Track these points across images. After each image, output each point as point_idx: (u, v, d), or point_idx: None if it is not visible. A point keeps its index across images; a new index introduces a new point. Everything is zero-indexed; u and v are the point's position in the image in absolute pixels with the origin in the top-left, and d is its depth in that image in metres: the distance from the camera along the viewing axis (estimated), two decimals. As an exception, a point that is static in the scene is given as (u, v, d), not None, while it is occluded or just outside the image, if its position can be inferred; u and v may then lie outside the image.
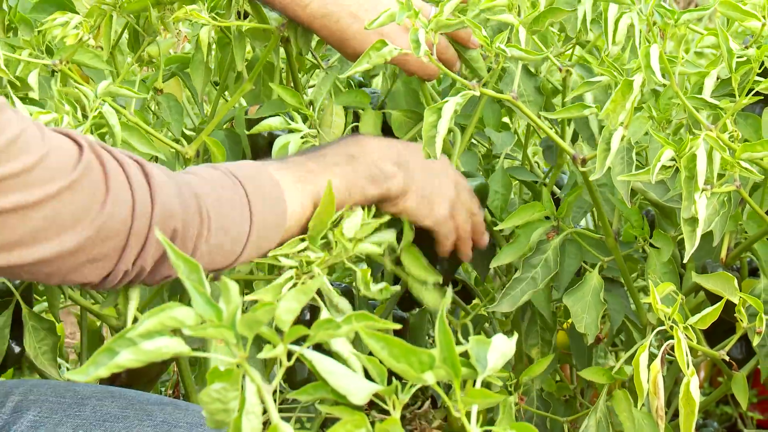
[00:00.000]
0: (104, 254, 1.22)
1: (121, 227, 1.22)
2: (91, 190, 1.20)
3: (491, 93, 1.55)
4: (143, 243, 1.25)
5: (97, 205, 1.20)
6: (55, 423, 1.48)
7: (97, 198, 1.20)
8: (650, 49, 1.42)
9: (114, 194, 1.21)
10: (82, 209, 1.19)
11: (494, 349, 0.89)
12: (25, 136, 1.15)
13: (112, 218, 1.21)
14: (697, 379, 1.35)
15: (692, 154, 1.38)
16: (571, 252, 1.66)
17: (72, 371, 0.83)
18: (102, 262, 1.23)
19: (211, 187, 1.32)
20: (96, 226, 1.20)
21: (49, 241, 1.17)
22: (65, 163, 1.18)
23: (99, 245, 1.21)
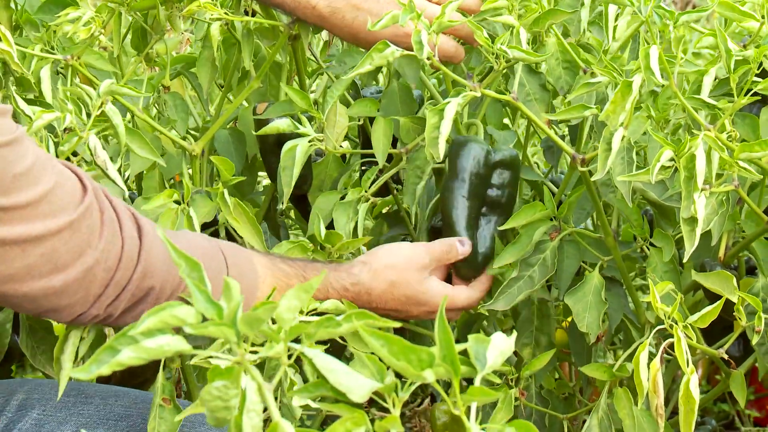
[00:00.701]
0: (84, 297, 1.25)
1: (105, 275, 1.25)
2: (88, 233, 1.21)
3: (492, 94, 1.56)
4: (119, 293, 1.27)
5: (89, 249, 1.22)
6: (59, 421, 1.49)
7: (91, 242, 1.22)
8: (650, 50, 1.43)
9: (106, 242, 1.23)
10: (76, 251, 1.21)
11: (493, 347, 0.90)
12: (36, 167, 1.16)
13: (100, 265, 1.23)
14: (696, 377, 1.35)
15: (691, 154, 1.39)
16: (571, 252, 1.67)
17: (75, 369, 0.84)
18: (79, 305, 1.25)
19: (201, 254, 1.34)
20: (84, 270, 1.22)
21: (41, 279, 1.19)
22: (68, 201, 1.20)
23: (82, 289, 1.23)
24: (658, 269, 1.60)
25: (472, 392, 0.85)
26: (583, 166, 1.56)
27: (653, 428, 1.49)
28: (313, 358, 0.87)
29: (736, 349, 1.64)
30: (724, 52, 1.44)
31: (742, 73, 1.45)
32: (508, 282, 1.64)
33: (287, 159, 1.64)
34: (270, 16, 1.74)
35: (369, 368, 0.87)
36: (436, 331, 0.85)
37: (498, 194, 1.66)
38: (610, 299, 1.66)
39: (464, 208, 1.64)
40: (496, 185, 1.66)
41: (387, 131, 1.71)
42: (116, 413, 1.52)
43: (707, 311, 1.39)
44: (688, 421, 1.36)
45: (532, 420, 1.77)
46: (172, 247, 0.87)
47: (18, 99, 1.55)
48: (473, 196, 1.64)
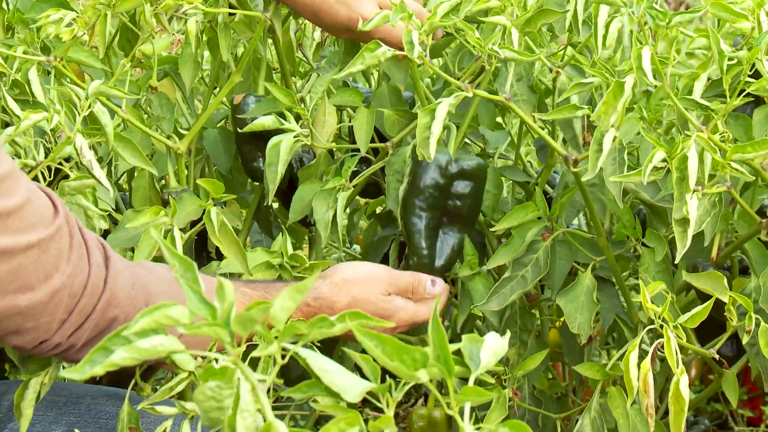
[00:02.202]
0: (47, 323, 1.22)
1: (70, 301, 1.23)
2: (56, 255, 1.19)
3: (484, 94, 1.56)
4: (83, 321, 1.25)
5: (56, 273, 1.20)
6: (50, 421, 1.49)
7: (59, 265, 1.20)
8: (642, 51, 1.43)
9: (73, 266, 1.22)
10: (43, 272, 1.18)
11: (487, 347, 0.90)
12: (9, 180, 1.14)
13: (65, 289, 1.21)
14: (686, 377, 1.35)
15: (684, 155, 1.39)
16: (563, 253, 1.67)
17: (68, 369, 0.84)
18: (43, 330, 1.23)
19: (167, 286, 1.33)
20: (50, 293, 1.20)
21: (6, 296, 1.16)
22: (39, 219, 1.18)
23: (47, 313, 1.21)
24: (651, 269, 1.61)
25: (466, 392, 0.85)
26: (575, 167, 1.56)
27: (646, 428, 1.49)
28: (307, 358, 0.87)
29: (728, 349, 1.65)
30: (717, 53, 1.45)
31: (735, 74, 1.45)
32: (501, 282, 1.64)
33: (272, 155, 1.63)
34: (247, 8, 1.74)
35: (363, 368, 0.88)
36: (429, 332, 0.85)
37: (458, 205, 1.66)
38: (602, 299, 1.66)
39: (422, 219, 1.64)
40: (457, 196, 1.65)
41: (369, 120, 1.71)
42: (107, 413, 1.51)
43: (697, 311, 1.39)
44: (678, 420, 1.36)
45: (525, 420, 1.78)
46: (167, 247, 0.87)
47: (8, 99, 1.55)
48: (432, 206, 1.64)
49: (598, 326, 1.76)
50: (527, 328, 1.76)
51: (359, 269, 1.57)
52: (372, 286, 1.56)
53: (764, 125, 1.49)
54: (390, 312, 1.57)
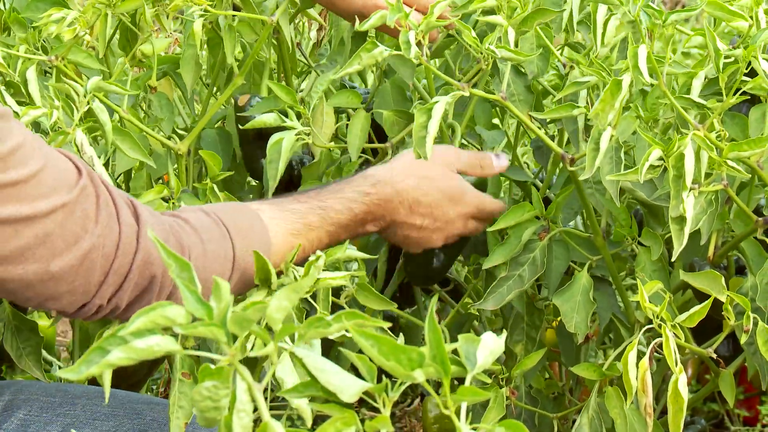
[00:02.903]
0: (83, 286, 1.22)
1: (104, 262, 1.22)
2: (83, 217, 1.19)
3: (481, 93, 1.56)
4: (121, 282, 1.24)
5: (86, 234, 1.19)
6: (45, 422, 1.48)
7: (87, 227, 1.20)
8: (638, 50, 1.43)
9: (102, 226, 1.21)
10: (71, 234, 1.18)
11: (483, 346, 0.90)
12: (24, 148, 1.14)
13: (97, 251, 1.21)
14: (685, 376, 1.35)
15: (680, 154, 1.39)
16: (559, 252, 1.67)
17: (64, 369, 0.84)
18: (80, 293, 1.23)
19: (199, 239, 1.31)
20: (81, 255, 1.19)
21: (35, 262, 1.16)
22: (62, 183, 1.18)
23: (81, 276, 1.21)
24: (647, 268, 1.61)
25: (463, 392, 0.85)
26: (572, 166, 1.56)
27: (644, 427, 1.49)
28: (304, 358, 0.87)
29: (725, 348, 1.64)
30: (713, 51, 1.45)
31: (731, 73, 1.45)
32: (498, 281, 1.64)
33: (273, 152, 1.63)
34: (252, 11, 1.74)
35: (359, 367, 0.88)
36: (426, 331, 0.85)
37: None
38: (599, 299, 1.66)
39: None
40: None
41: (364, 126, 1.70)
42: (103, 413, 1.51)
43: (695, 310, 1.39)
44: (677, 420, 1.36)
45: (522, 419, 1.78)
46: (163, 247, 0.87)
47: (6, 96, 1.55)
48: None
49: (594, 326, 1.76)
50: (535, 324, 1.76)
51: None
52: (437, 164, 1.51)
53: (760, 124, 1.49)
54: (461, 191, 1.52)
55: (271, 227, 1.38)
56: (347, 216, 1.45)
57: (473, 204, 1.56)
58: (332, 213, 1.45)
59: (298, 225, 1.41)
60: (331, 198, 1.46)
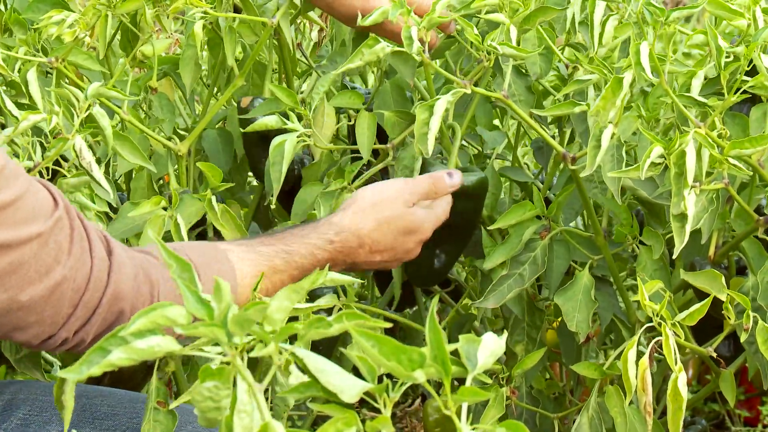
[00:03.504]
0: (52, 317, 1.20)
1: (74, 295, 1.21)
2: (56, 248, 1.18)
3: (483, 91, 1.56)
4: (90, 315, 1.23)
5: (58, 266, 1.18)
6: (45, 421, 1.48)
7: (60, 258, 1.18)
8: (640, 46, 1.43)
9: (75, 259, 1.20)
10: (44, 264, 1.17)
11: (484, 347, 0.90)
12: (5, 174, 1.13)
13: (68, 283, 1.20)
14: (684, 375, 1.35)
15: (682, 151, 1.39)
16: (560, 252, 1.67)
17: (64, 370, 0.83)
18: (48, 324, 1.21)
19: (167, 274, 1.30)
20: (51, 286, 1.18)
21: (6, 291, 1.15)
22: (39, 212, 1.17)
23: (50, 307, 1.19)
24: (648, 268, 1.61)
25: (463, 392, 0.85)
26: (573, 165, 1.56)
27: (644, 426, 1.49)
28: (305, 358, 0.87)
29: (726, 348, 1.64)
30: (715, 49, 1.45)
31: (732, 71, 1.45)
32: (498, 280, 1.64)
33: (276, 155, 1.63)
34: (252, 12, 1.74)
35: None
36: (426, 331, 0.85)
37: (458, 221, 1.66)
38: (600, 298, 1.66)
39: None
40: (457, 213, 1.65)
41: (371, 125, 1.70)
42: (102, 412, 1.51)
43: (695, 309, 1.39)
44: (676, 419, 1.36)
45: (523, 419, 1.78)
46: (164, 247, 0.87)
47: (6, 99, 1.54)
48: None
49: (595, 326, 1.76)
50: (536, 324, 1.76)
51: (377, 190, 1.54)
52: (395, 203, 1.53)
53: (761, 123, 1.49)
54: (417, 224, 1.54)
55: (238, 267, 1.38)
56: (310, 261, 1.46)
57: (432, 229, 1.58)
58: (297, 257, 1.45)
59: (264, 267, 1.41)
60: (296, 243, 1.46)
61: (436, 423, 1.68)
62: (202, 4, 1.65)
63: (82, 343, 1.25)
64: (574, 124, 1.66)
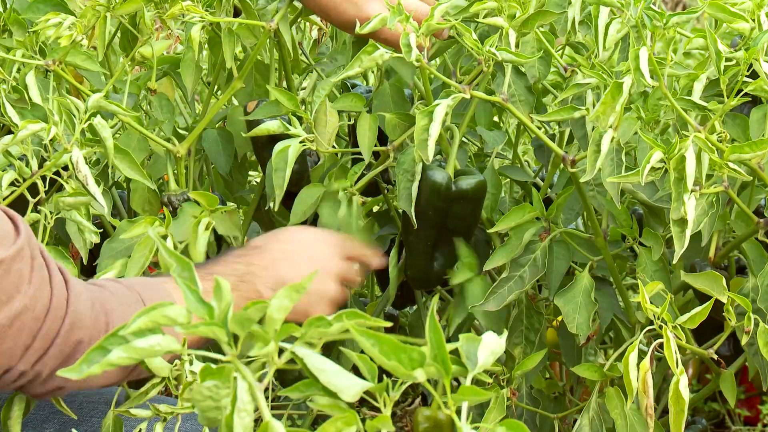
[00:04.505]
0: (10, 349, 1.18)
1: (33, 325, 1.19)
2: (18, 277, 1.17)
3: (481, 95, 1.56)
4: (48, 346, 1.21)
5: (18, 296, 1.16)
6: (42, 419, 1.48)
7: (20, 287, 1.17)
8: (639, 52, 1.43)
9: (35, 288, 1.18)
10: (5, 293, 1.15)
11: (484, 346, 0.90)
12: None
13: (28, 312, 1.18)
14: (686, 378, 1.35)
15: (681, 156, 1.39)
16: (560, 253, 1.67)
17: (65, 369, 0.84)
18: (6, 357, 1.19)
19: (118, 303, 1.29)
20: (12, 316, 1.16)
21: None
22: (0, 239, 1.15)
23: (9, 338, 1.17)
24: (648, 269, 1.61)
25: (463, 392, 0.85)
26: (573, 167, 1.56)
27: (644, 427, 1.49)
28: (305, 358, 0.87)
29: (726, 348, 1.65)
30: (715, 53, 1.45)
31: (732, 74, 1.45)
32: (499, 282, 1.64)
33: (279, 161, 1.63)
34: (251, 16, 1.74)
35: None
36: (426, 330, 0.85)
37: (457, 224, 1.67)
38: (600, 299, 1.66)
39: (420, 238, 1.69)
40: (455, 216, 1.66)
41: (372, 127, 1.71)
42: (99, 410, 1.51)
43: (696, 312, 1.39)
44: (678, 421, 1.36)
45: (523, 420, 1.78)
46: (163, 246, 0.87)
47: (7, 106, 1.54)
48: (430, 226, 1.67)
49: (595, 326, 1.76)
50: (534, 327, 1.76)
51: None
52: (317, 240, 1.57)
53: (761, 125, 1.49)
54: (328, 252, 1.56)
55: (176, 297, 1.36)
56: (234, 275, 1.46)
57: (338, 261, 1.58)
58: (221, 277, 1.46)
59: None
60: (217, 266, 1.47)
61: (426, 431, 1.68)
62: (199, 10, 1.65)
63: (39, 377, 1.23)
64: (572, 129, 1.66)
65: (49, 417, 1.49)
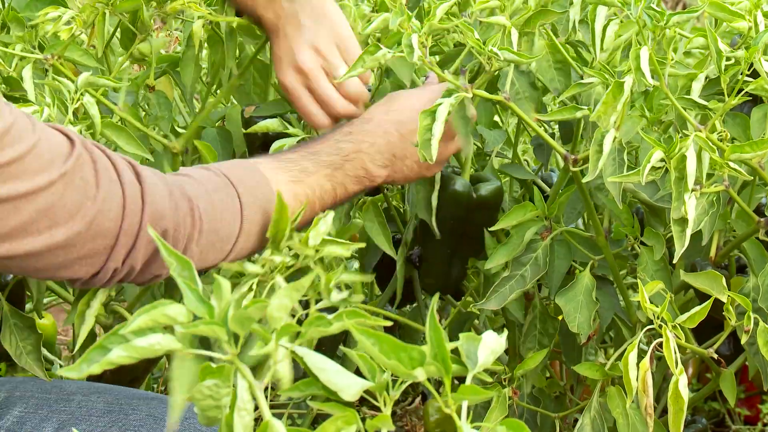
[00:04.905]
0: (95, 251, 1.22)
1: (112, 225, 1.22)
2: (83, 185, 1.19)
3: (484, 95, 1.56)
4: (133, 242, 1.24)
5: (88, 201, 1.19)
6: (41, 418, 1.48)
7: (88, 193, 1.19)
8: (640, 52, 1.43)
9: (105, 191, 1.21)
10: (73, 203, 1.18)
11: (484, 345, 0.90)
12: (17, 127, 1.14)
13: (103, 215, 1.20)
14: (685, 377, 1.35)
15: (682, 155, 1.39)
16: (561, 253, 1.67)
17: (65, 368, 0.84)
18: (92, 258, 1.22)
19: (203, 189, 1.32)
20: (86, 222, 1.19)
21: (40, 234, 1.16)
22: (56, 155, 1.18)
23: (90, 242, 1.20)
24: (649, 268, 1.61)
25: (464, 391, 0.85)
26: (575, 166, 1.56)
27: (645, 427, 1.49)
28: (305, 356, 0.87)
29: (726, 348, 1.64)
30: (715, 53, 1.45)
31: (733, 73, 1.45)
32: (500, 281, 1.63)
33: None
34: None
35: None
36: (427, 329, 0.85)
37: (474, 231, 1.69)
38: (600, 298, 1.66)
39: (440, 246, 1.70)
40: (476, 223, 1.67)
41: None
42: (98, 409, 1.51)
43: (696, 311, 1.39)
44: (677, 420, 1.36)
45: (524, 419, 1.78)
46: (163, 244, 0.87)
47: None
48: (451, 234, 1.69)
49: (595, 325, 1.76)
50: (548, 332, 1.76)
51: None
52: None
53: (762, 124, 1.49)
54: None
55: (271, 178, 1.40)
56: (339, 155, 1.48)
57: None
58: (324, 156, 1.48)
59: (295, 171, 1.43)
60: (319, 144, 1.49)
61: (437, 423, 1.68)
62: (201, 9, 1.65)
63: (133, 271, 1.27)
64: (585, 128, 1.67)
65: (48, 416, 1.49)
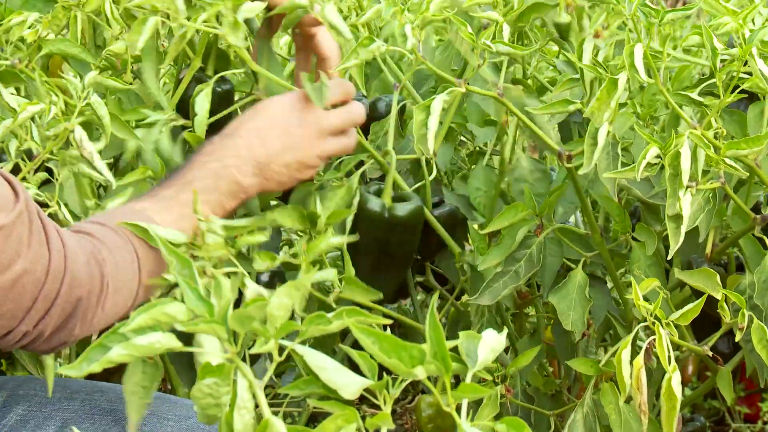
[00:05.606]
0: (12, 311, 1.20)
1: (34, 287, 1.20)
2: (17, 242, 1.17)
3: (477, 90, 1.56)
4: (49, 307, 1.22)
5: (19, 259, 1.17)
6: (44, 417, 1.48)
7: (20, 251, 1.18)
8: (634, 48, 1.43)
9: (34, 252, 1.19)
10: (6, 258, 1.16)
11: (484, 343, 0.90)
12: None
13: (28, 275, 1.19)
14: (679, 374, 1.36)
15: (676, 152, 1.39)
16: (553, 250, 1.67)
17: (65, 366, 0.84)
18: (8, 318, 1.20)
19: (109, 251, 1.30)
20: (13, 280, 1.17)
21: None
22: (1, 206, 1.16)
23: (10, 301, 1.18)
24: (642, 264, 1.61)
25: (464, 389, 0.85)
26: (569, 163, 1.56)
27: (639, 424, 1.49)
28: (305, 355, 0.87)
29: (725, 345, 1.65)
30: (710, 50, 1.45)
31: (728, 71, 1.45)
32: (494, 277, 1.63)
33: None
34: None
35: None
36: (426, 328, 0.85)
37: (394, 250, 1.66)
38: (593, 296, 1.66)
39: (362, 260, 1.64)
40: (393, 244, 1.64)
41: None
42: (101, 408, 1.51)
43: (689, 308, 1.39)
44: (670, 418, 1.36)
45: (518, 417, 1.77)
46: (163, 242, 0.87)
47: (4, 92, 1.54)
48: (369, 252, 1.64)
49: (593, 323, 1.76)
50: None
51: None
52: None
53: (759, 121, 1.50)
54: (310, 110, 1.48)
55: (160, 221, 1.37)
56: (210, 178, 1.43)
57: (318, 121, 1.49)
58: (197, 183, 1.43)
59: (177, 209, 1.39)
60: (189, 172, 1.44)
61: (430, 419, 1.68)
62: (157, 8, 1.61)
63: (41, 336, 1.25)
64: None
65: (51, 414, 1.49)
